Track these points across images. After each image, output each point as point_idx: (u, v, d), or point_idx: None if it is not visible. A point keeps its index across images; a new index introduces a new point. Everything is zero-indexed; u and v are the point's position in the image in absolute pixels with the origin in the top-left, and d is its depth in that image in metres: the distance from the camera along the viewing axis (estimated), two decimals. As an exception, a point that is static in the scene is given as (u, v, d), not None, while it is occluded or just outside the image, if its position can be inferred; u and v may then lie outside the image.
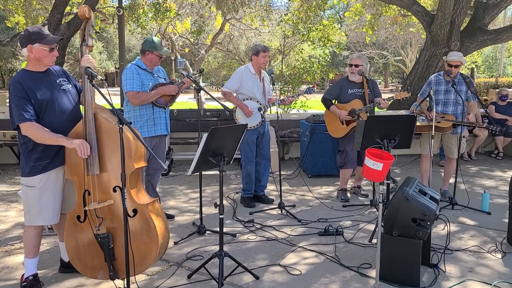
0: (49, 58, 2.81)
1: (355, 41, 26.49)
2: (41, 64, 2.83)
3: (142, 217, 2.86)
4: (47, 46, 2.76)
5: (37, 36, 2.75)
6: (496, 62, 31.36)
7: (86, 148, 2.73)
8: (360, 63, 5.05)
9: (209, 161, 2.93)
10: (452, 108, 5.03)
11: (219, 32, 16.27)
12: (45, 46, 2.76)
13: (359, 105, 4.99)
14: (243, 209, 4.89)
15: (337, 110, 5.10)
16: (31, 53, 2.76)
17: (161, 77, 4.28)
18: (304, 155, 6.61)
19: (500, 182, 6.13)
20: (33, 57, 2.78)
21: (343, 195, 5.26)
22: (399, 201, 3.10)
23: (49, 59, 2.81)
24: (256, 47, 4.90)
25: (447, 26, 8.25)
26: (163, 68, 4.48)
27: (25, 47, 2.77)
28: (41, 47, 2.75)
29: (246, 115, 4.84)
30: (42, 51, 2.76)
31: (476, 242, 3.92)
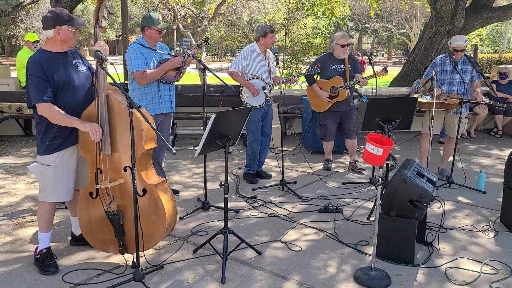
0: (73, 40, 2.92)
1: (359, 14, 26.12)
2: (65, 45, 2.92)
3: (151, 196, 2.99)
4: (74, 28, 2.84)
5: (65, 18, 2.83)
6: (501, 36, 30.96)
7: (98, 132, 2.84)
8: (348, 42, 5.24)
9: (215, 143, 3.03)
10: (457, 88, 5.11)
11: (222, 2, 16.02)
12: (73, 28, 2.84)
13: (339, 82, 5.26)
14: (246, 185, 5.04)
15: (319, 90, 5.37)
16: (58, 34, 2.84)
17: (168, 53, 4.31)
18: (306, 132, 6.71)
19: (497, 161, 6.26)
20: (59, 38, 2.86)
21: (326, 164, 5.74)
22: (397, 183, 3.23)
23: (73, 41, 2.93)
24: (264, 28, 4.93)
25: (452, 2, 8.19)
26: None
27: (53, 28, 2.83)
28: (69, 29, 2.84)
29: (253, 94, 4.92)
30: (69, 33, 2.86)
31: (470, 221, 4.07)
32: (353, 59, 5.40)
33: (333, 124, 5.54)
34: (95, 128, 2.83)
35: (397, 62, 39.42)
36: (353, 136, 5.58)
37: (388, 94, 8.13)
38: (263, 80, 4.96)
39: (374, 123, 4.01)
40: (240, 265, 3.24)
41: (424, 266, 3.23)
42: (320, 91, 5.34)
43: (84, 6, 26.85)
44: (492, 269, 3.19)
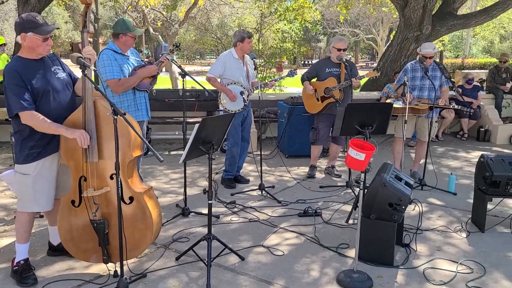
0: (42, 48, 2.79)
1: (328, 19, 26.58)
2: (35, 53, 2.82)
3: (138, 204, 2.96)
4: (40, 36, 2.74)
5: (31, 24, 2.72)
6: (462, 42, 32.21)
7: (86, 138, 2.78)
8: (345, 47, 5.26)
9: (199, 149, 3.02)
10: (427, 93, 5.29)
11: (192, 6, 15.95)
12: (39, 35, 2.74)
13: (333, 83, 5.25)
14: (224, 190, 5.04)
15: (306, 84, 5.36)
16: (24, 41, 2.74)
17: (136, 58, 4.25)
18: (281, 136, 6.78)
19: (465, 163, 6.51)
20: (26, 45, 2.76)
21: (311, 171, 5.66)
22: (377, 187, 3.32)
23: (42, 48, 2.80)
24: (241, 34, 4.95)
25: (420, 10, 8.48)
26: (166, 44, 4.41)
27: (19, 34, 2.74)
28: (35, 36, 2.73)
29: (231, 99, 4.93)
30: (35, 40, 2.75)
31: (443, 222, 4.23)
32: (350, 64, 5.31)
33: (326, 128, 5.47)
34: (82, 134, 2.78)
35: (364, 65, 40.34)
36: (341, 142, 5.58)
37: (360, 99, 8.31)
38: (241, 85, 4.98)
39: (352, 128, 4.10)
40: (224, 271, 3.25)
41: (403, 267, 3.33)
42: (306, 84, 5.34)
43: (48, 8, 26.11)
44: (467, 268, 3.32)
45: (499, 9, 9.00)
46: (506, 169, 3.85)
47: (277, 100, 7.45)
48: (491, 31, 37.48)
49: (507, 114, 8.66)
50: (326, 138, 5.58)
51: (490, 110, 8.17)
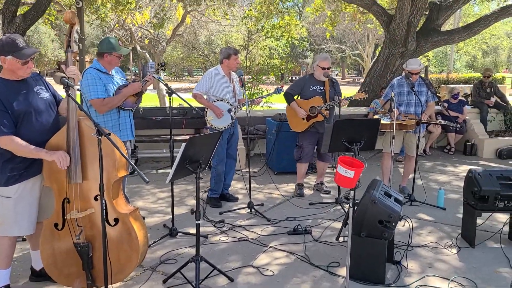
0: (22, 71, 2.73)
1: (315, 35, 26.92)
2: (15, 75, 2.76)
3: (124, 226, 2.88)
4: (20, 60, 2.68)
5: (10, 48, 2.66)
6: (446, 57, 32.82)
7: (65, 159, 2.71)
8: (329, 65, 5.27)
9: (186, 168, 2.97)
10: (414, 109, 5.32)
11: (180, 24, 16.02)
12: (18, 59, 2.68)
13: (319, 102, 5.24)
14: (212, 209, 4.97)
15: (297, 108, 5.32)
16: (4, 64, 2.68)
17: (121, 78, 4.20)
18: (270, 153, 6.75)
19: (452, 177, 6.54)
20: (6, 67, 2.70)
21: (299, 190, 5.56)
22: (367, 204, 3.29)
23: (22, 71, 2.74)
24: (227, 50, 4.95)
25: (404, 26, 8.61)
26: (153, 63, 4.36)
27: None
28: (14, 60, 2.68)
29: (217, 116, 4.90)
30: (15, 64, 2.69)
31: (433, 238, 4.20)
32: (334, 82, 5.31)
33: (311, 145, 5.44)
34: (61, 155, 2.71)
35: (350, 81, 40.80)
36: (327, 159, 5.56)
37: (348, 114, 8.35)
38: (228, 102, 4.96)
39: (340, 144, 4.10)
40: (213, 293, 3.17)
41: (395, 286, 3.28)
42: (299, 108, 5.29)
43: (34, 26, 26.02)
44: (459, 285, 3.29)
45: (481, 25, 9.19)
46: (494, 184, 3.86)
47: (265, 117, 7.44)
48: (473, 46, 38.33)
49: (492, 128, 8.77)
50: (311, 156, 5.57)
51: (476, 124, 8.26)
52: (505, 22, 43.07)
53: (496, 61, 47.37)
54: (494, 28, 35.81)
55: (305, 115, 5.27)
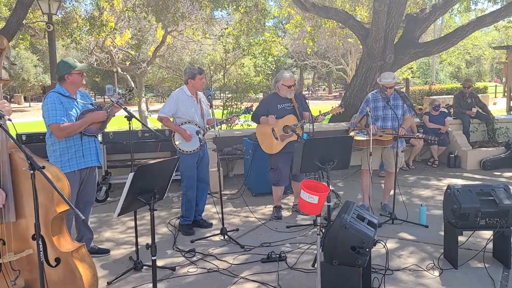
0: None
1: (297, 51, 27.02)
2: None
3: (66, 266, 2.61)
4: None
5: None
6: (429, 69, 33.13)
7: (1, 197, 2.46)
8: (294, 82, 5.11)
9: (138, 200, 2.73)
10: (391, 123, 5.16)
11: (160, 44, 15.91)
12: None
13: (293, 121, 5.02)
14: (184, 237, 4.70)
15: (266, 118, 5.07)
16: None
17: (87, 102, 4.00)
18: (248, 174, 6.52)
19: (436, 192, 6.35)
20: None
21: (277, 213, 5.30)
22: (338, 229, 3.07)
23: None
24: (192, 70, 4.76)
25: (381, 39, 8.53)
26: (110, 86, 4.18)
27: None
28: None
29: (185, 139, 4.68)
30: None
31: (415, 260, 3.98)
32: (300, 97, 5.19)
33: (287, 166, 5.18)
34: None
35: (337, 95, 40.97)
36: (301, 178, 5.28)
37: (328, 130, 8.19)
38: (196, 124, 4.75)
39: (312, 164, 3.89)
40: (174, 335, 2.89)
41: (372, 317, 3.04)
42: (266, 118, 5.05)
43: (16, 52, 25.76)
44: (440, 313, 3.06)
45: (458, 36, 9.16)
46: (474, 201, 3.67)
47: (243, 136, 7.23)
48: (457, 57, 38.87)
49: (476, 138, 8.66)
50: (289, 177, 5.29)
51: (459, 136, 8.14)
52: (487, 32, 43.92)
53: (480, 70, 48.09)
54: (476, 38, 36.40)
55: (275, 121, 5.04)
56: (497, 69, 48.41)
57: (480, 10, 13.23)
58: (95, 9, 11.43)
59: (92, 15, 11.10)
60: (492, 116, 8.73)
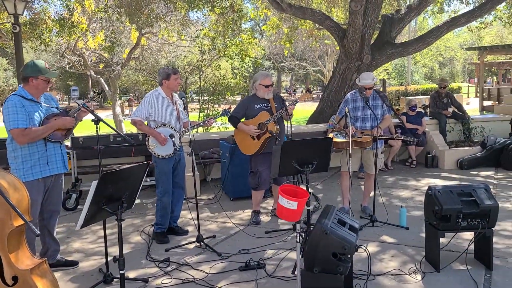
0: None
1: (275, 53, 26.98)
2: None
3: (25, 285, 2.39)
4: None
5: None
6: (405, 70, 33.64)
7: None
8: (272, 82, 4.97)
9: (104, 210, 2.53)
10: (370, 124, 5.07)
11: (135, 46, 15.56)
12: None
13: (266, 117, 4.90)
14: (158, 245, 4.49)
15: (245, 126, 4.94)
16: None
17: (52, 106, 3.76)
18: (225, 178, 6.34)
19: (415, 192, 6.31)
20: None
21: (255, 217, 5.14)
22: (318, 235, 2.93)
23: None
24: (166, 71, 4.56)
25: (358, 40, 8.49)
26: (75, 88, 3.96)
27: None
28: None
29: (160, 143, 4.47)
30: None
31: (396, 263, 3.88)
32: (279, 98, 5.05)
33: (267, 169, 4.98)
34: None
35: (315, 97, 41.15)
36: (282, 181, 5.02)
37: (306, 132, 8.09)
38: (171, 127, 4.55)
39: (290, 167, 3.77)
40: None
41: (355, 326, 2.91)
42: (247, 126, 4.90)
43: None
44: (425, 319, 2.95)
45: (433, 36, 9.21)
46: (455, 202, 3.59)
47: (220, 139, 7.06)
48: (430, 58, 39.65)
49: (452, 138, 8.70)
50: (269, 180, 5.11)
51: (436, 136, 8.16)
52: (458, 34, 44.98)
53: (452, 71, 49.21)
54: (448, 40, 37.22)
55: (256, 131, 4.88)
56: (469, 70, 49.64)
57: (453, 11, 13.41)
58: (65, 10, 11.06)
59: (62, 16, 10.74)
60: (467, 116, 8.80)
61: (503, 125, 8.78)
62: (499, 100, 20.61)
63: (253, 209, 5.25)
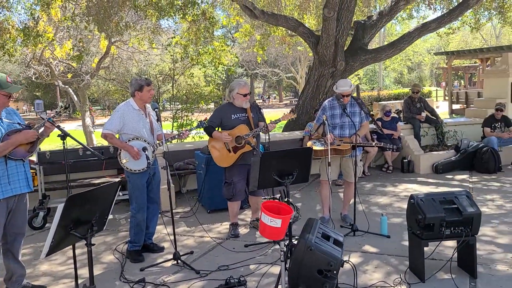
0: None
1: (247, 60, 26.94)
2: None
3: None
4: None
5: None
6: (376, 75, 34.23)
7: None
8: (249, 91, 4.84)
9: (72, 235, 2.33)
10: (348, 131, 5.00)
11: (104, 55, 15.17)
12: None
13: (245, 131, 4.75)
14: (133, 265, 4.27)
15: (219, 134, 4.77)
16: None
17: (14, 121, 3.51)
18: (201, 189, 6.15)
19: (394, 198, 6.28)
20: None
21: (233, 230, 4.98)
22: (303, 251, 2.80)
23: None
24: (138, 82, 4.35)
25: (332, 46, 8.48)
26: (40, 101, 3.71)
27: None
28: None
29: (133, 157, 4.26)
30: None
31: (381, 275, 3.79)
32: (256, 107, 4.92)
33: (242, 180, 4.86)
34: None
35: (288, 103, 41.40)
36: (259, 193, 4.95)
37: (282, 140, 7.98)
38: (144, 140, 4.35)
39: (270, 179, 3.64)
40: None
41: None
42: (221, 134, 4.72)
43: None
44: (414, 335, 2.86)
45: (405, 41, 9.31)
46: (438, 210, 3.53)
47: (195, 150, 6.86)
48: (399, 64, 40.55)
49: (426, 142, 8.77)
50: (245, 191, 4.96)
51: (410, 141, 8.20)
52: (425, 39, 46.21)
53: (421, 76, 50.47)
54: (416, 45, 38.14)
55: (230, 139, 4.73)
56: (436, 74, 51.03)
57: (421, 17, 13.68)
58: (30, 19, 10.65)
59: (26, 26, 10.33)
60: (440, 120, 8.90)
61: (475, 128, 8.92)
62: (467, 103, 21.21)
63: (230, 221, 5.09)
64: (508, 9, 11.35)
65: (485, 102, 9.70)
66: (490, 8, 11.70)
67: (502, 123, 8.24)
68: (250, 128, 4.78)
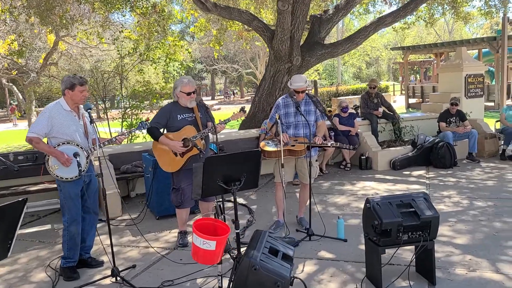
0: None
1: (206, 56, 26.38)
2: None
3: None
4: None
5: None
6: (335, 70, 34.50)
7: None
8: (194, 88, 4.46)
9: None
10: (303, 131, 4.72)
11: (51, 51, 14.29)
12: None
13: (192, 132, 4.37)
14: (66, 283, 3.83)
15: (169, 141, 4.37)
16: None
17: None
18: (149, 194, 5.73)
19: (351, 198, 6.09)
20: None
21: (182, 239, 4.64)
22: (247, 271, 2.48)
23: None
24: (71, 80, 3.88)
25: (287, 41, 8.21)
26: None
27: None
28: None
29: (63, 164, 3.80)
30: None
31: (336, 284, 3.55)
32: (204, 106, 4.56)
33: (191, 186, 4.39)
34: None
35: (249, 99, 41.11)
36: (210, 198, 4.55)
37: (238, 138, 7.67)
38: (77, 144, 3.90)
39: (215, 187, 3.30)
40: None
41: None
42: (172, 142, 4.34)
43: None
44: None
45: (361, 36, 9.17)
46: (395, 214, 3.31)
47: (144, 151, 6.42)
48: (358, 59, 41.11)
49: (384, 138, 8.69)
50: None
51: (368, 137, 8.07)
52: (382, 35, 47.12)
53: (378, 71, 51.51)
54: (374, 41, 38.77)
55: (182, 148, 4.35)
56: (393, 68, 52.22)
57: (378, 12, 13.68)
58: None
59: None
60: (397, 115, 8.84)
61: (430, 123, 8.92)
62: (423, 97, 21.65)
63: (179, 229, 4.72)
64: (460, 4, 11.48)
65: (440, 97, 9.74)
66: (443, 3, 11.82)
67: (457, 117, 8.26)
68: (198, 130, 4.41)
